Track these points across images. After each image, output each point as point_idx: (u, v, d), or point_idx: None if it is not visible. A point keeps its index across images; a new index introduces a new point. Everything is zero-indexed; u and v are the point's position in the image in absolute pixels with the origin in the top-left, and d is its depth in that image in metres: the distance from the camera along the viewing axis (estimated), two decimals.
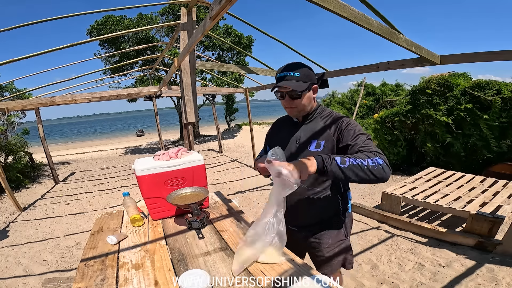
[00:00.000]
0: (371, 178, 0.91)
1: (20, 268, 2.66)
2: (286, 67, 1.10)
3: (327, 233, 1.19)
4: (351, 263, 1.24)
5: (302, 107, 1.12)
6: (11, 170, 5.75)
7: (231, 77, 10.31)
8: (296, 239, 1.23)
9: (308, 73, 1.09)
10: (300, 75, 1.06)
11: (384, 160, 0.92)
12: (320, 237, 1.20)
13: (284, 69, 1.09)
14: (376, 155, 0.93)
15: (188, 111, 2.57)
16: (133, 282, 0.93)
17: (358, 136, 1.03)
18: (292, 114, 1.18)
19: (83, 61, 4.63)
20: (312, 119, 1.17)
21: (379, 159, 0.92)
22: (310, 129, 1.16)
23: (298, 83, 1.06)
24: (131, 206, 1.41)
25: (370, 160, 0.91)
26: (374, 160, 0.91)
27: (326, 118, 1.15)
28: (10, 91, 8.10)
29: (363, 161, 0.89)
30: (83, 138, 32.23)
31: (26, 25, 2.42)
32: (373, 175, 0.89)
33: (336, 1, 1.30)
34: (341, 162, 0.88)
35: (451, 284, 1.98)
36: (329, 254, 1.18)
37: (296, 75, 1.06)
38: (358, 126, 1.07)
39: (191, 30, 2.43)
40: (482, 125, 3.89)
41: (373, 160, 0.91)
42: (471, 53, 1.92)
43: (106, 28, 10.25)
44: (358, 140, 1.02)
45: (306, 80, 1.07)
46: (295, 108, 1.13)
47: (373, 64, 2.67)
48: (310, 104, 1.14)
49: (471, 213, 2.47)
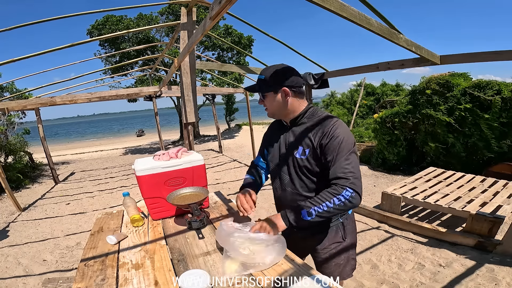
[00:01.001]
0: (340, 213, 1.02)
1: (20, 268, 2.66)
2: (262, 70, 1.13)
3: (323, 235, 1.19)
4: (354, 268, 1.23)
5: (271, 109, 1.13)
6: (11, 170, 5.75)
7: (231, 77, 10.31)
8: (296, 240, 1.23)
9: (277, 76, 1.06)
10: (265, 77, 1.07)
11: (353, 188, 0.94)
12: (317, 239, 1.20)
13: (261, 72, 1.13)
14: (344, 187, 0.94)
15: (188, 111, 2.57)
16: (133, 282, 0.93)
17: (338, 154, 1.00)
18: (268, 115, 1.18)
19: (83, 61, 4.64)
20: (299, 123, 1.13)
21: (347, 191, 0.94)
22: (297, 134, 1.13)
23: (261, 86, 1.09)
24: (131, 206, 1.41)
25: (336, 199, 0.94)
26: (340, 196, 0.94)
27: (315, 123, 1.09)
28: (10, 91, 8.10)
29: (328, 204, 0.95)
30: (83, 138, 32.24)
31: (26, 25, 2.42)
32: (341, 211, 0.96)
33: (336, 1, 1.30)
34: (308, 214, 0.96)
35: (451, 284, 1.98)
36: (326, 255, 1.18)
37: (261, 78, 1.09)
38: (341, 137, 1.01)
39: (191, 30, 2.43)
40: (483, 125, 3.89)
41: (339, 197, 0.94)
42: (471, 53, 1.92)
43: (106, 28, 10.25)
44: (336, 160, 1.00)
45: (270, 83, 1.07)
46: (267, 110, 1.15)
47: (373, 64, 2.68)
48: (281, 107, 1.10)
49: (471, 213, 2.47)
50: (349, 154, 1.00)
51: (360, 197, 0.96)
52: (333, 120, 1.06)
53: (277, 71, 1.07)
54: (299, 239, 1.23)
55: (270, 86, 1.07)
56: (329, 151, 1.01)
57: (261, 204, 3.74)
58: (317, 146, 1.04)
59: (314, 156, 1.06)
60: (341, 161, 0.98)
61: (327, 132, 1.02)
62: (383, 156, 5.13)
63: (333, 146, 1.00)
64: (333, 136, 1.01)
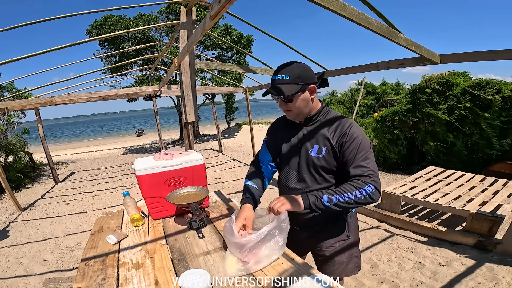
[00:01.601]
0: (358, 207, 1.04)
1: (20, 268, 2.66)
2: (277, 69, 1.06)
3: (328, 233, 1.18)
4: (358, 266, 1.22)
5: (298, 110, 1.07)
6: (11, 170, 5.75)
7: (231, 76, 10.30)
8: (298, 238, 1.23)
9: (300, 74, 1.02)
10: (290, 77, 1.01)
11: (374, 185, 0.96)
12: (321, 237, 1.19)
13: (275, 72, 1.06)
14: (367, 183, 0.96)
15: (188, 110, 2.57)
16: (134, 281, 0.93)
17: (357, 153, 1.01)
18: (290, 117, 1.13)
19: (83, 61, 4.63)
20: (315, 122, 1.12)
21: (369, 186, 0.96)
22: (312, 133, 1.11)
23: (287, 86, 1.01)
24: (131, 206, 1.41)
25: (358, 192, 0.95)
26: (363, 190, 0.95)
27: (330, 123, 1.09)
28: (10, 91, 8.10)
29: (350, 195, 0.95)
30: (83, 138, 32.23)
31: (26, 25, 2.42)
32: (360, 204, 0.98)
33: (336, 1, 1.30)
34: (328, 200, 0.96)
35: (451, 283, 1.98)
36: (330, 253, 1.17)
37: (285, 78, 1.02)
38: (360, 137, 1.03)
39: (190, 30, 2.43)
40: (483, 124, 3.89)
41: (361, 190, 0.95)
42: (471, 52, 1.92)
43: (105, 28, 10.24)
44: (356, 159, 1.01)
45: (297, 82, 1.02)
46: (290, 112, 1.09)
47: (373, 63, 2.67)
48: (307, 106, 1.08)
49: (471, 212, 2.47)
50: (368, 153, 1.02)
51: (380, 195, 0.98)
52: (349, 120, 1.08)
53: (300, 67, 1.03)
54: (302, 236, 1.23)
55: (299, 85, 1.02)
56: (349, 150, 1.02)
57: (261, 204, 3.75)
58: (336, 145, 1.04)
59: (332, 154, 1.06)
60: (361, 160, 1.00)
61: (345, 132, 1.03)
62: (384, 155, 5.13)
63: (352, 145, 1.01)
64: (352, 136, 1.02)
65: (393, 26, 1.70)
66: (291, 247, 1.26)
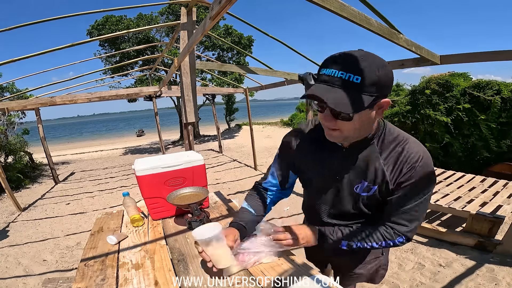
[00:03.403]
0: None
1: (20, 268, 2.66)
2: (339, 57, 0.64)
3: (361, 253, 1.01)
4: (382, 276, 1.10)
5: (351, 132, 0.72)
6: (11, 170, 5.75)
7: (231, 77, 10.31)
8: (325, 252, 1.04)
9: (379, 78, 0.63)
10: (363, 80, 0.61)
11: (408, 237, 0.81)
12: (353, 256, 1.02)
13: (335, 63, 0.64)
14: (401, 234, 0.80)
15: (188, 111, 2.57)
16: (133, 282, 0.93)
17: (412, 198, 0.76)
18: (332, 138, 0.76)
19: (83, 61, 4.64)
20: (366, 147, 0.78)
21: (401, 238, 0.80)
22: (360, 163, 0.79)
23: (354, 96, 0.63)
24: (131, 206, 1.41)
25: (385, 243, 0.81)
26: (391, 242, 0.81)
27: (389, 149, 0.76)
28: (10, 91, 8.10)
29: (375, 244, 0.82)
30: (83, 138, 32.22)
31: (26, 25, 2.42)
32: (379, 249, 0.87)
33: (336, 1, 1.30)
34: (347, 246, 0.84)
35: (451, 284, 1.98)
36: (360, 271, 1.04)
37: (354, 81, 0.62)
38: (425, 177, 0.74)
39: (191, 30, 2.43)
40: (482, 125, 3.89)
41: (389, 242, 0.81)
42: (471, 53, 1.93)
43: (106, 28, 10.25)
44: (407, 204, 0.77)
45: (371, 91, 0.63)
46: (337, 132, 0.73)
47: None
48: (367, 128, 0.74)
49: (471, 213, 2.47)
50: (423, 199, 0.77)
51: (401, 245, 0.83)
52: (416, 148, 0.75)
53: (379, 68, 0.63)
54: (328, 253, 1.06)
55: (371, 97, 0.64)
56: (403, 192, 0.76)
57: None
58: (392, 184, 0.77)
59: (384, 194, 0.79)
60: (411, 207, 0.77)
61: (410, 169, 0.73)
62: None
63: (410, 187, 0.75)
64: (417, 175, 0.73)
65: (393, 27, 1.70)
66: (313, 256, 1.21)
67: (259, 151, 7.58)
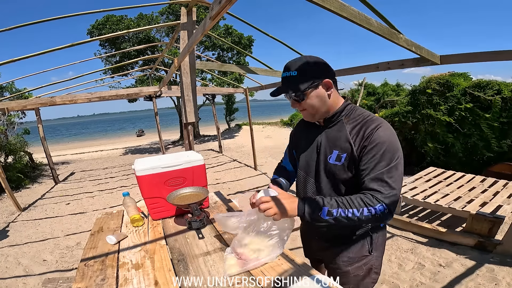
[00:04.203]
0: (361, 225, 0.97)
1: (20, 268, 2.66)
2: (285, 66, 0.95)
3: (346, 247, 1.04)
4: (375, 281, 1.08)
5: (312, 108, 0.94)
6: (11, 170, 5.75)
7: (231, 77, 10.31)
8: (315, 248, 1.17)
9: (309, 68, 0.91)
10: (298, 73, 0.90)
11: (388, 205, 0.83)
12: (338, 250, 1.06)
13: (283, 70, 0.95)
14: (380, 201, 0.83)
15: (188, 111, 2.57)
16: (133, 282, 0.93)
17: (379, 163, 0.85)
18: (306, 118, 1.01)
19: (83, 61, 4.64)
20: (336, 123, 0.97)
21: (381, 205, 0.83)
22: (331, 136, 0.97)
23: (295, 83, 0.91)
24: (131, 206, 1.41)
25: (366, 210, 0.83)
26: (372, 208, 0.83)
27: (354, 124, 0.94)
28: (10, 91, 8.10)
29: (356, 212, 0.84)
30: (83, 138, 32.23)
31: (26, 25, 2.42)
32: (364, 223, 0.88)
33: (336, 1, 1.30)
34: (327, 213, 0.86)
35: (451, 284, 1.98)
36: (346, 267, 1.04)
37: (293, 74, 0.91)
38: (387, 143, 0.86)
39: (191, 30, 2.43)
40: (483, 125, 3.89)
41: (371, 208, 0.83)
42: (471, 53, 1.92)
43: (106, 28, 10.25)
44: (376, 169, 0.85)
45: (306, 78, 0.90)
46: (305, 111, 0.97)
47: (373, 64, 2.68)
48: (324, 104, 0.94)
49: (471, 213, 2.47)
50: (392, 165, 0.85)
51: (392, 216, 0.86)
52: (377, 121, 0.90)
53: (309, 62, 0.92)
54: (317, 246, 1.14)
55: (309, 81, 0.90)
56: (368, 157, 0.87)
57: None
58: (357, 150, 0.89)
59: (352, 162, 0.91)
60: (381, 172, 0.85)
61: (369, 134, 0.87)
62: None
63: (374, 152, 0.86)
64: (376, 140, 0.86)
65: (393, 27, 1.70)
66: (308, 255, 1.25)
67: (259, 151, 7.58)
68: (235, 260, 0.97)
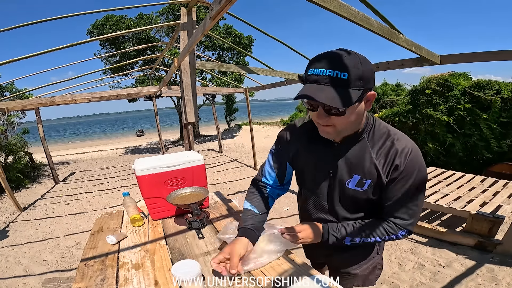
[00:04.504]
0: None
1: (20, 268, 2.66)
2: (325, 57, 0.67)
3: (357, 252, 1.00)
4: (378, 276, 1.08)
5: (345, 126, 0.74)
6: (11, 170, 5.75)
7: (231, 77, 10.31)
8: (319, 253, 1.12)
9: (363, 73, 0.66)
10: (349, 76, 0.64)
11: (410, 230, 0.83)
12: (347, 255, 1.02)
13: (321, 62, 0.67)
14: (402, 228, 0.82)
15: (188, 111, 2.57)
16: (133, 282, 0.93)
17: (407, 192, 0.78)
18: (326, 135, 0.78)
19: (83, 61, 4.64)
20: (358, 142, 0.80)
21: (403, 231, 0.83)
22: (352, 158, 0.81)
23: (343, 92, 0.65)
24: (131, 206, 1.41)
25: (388, 237, 0.83)
26: (393, 235, 0.83)
27: (380, 143, 0.79)
28: (10, 91, 8.11)
29: (378, 239, 0.84)
30: (83, 138, 32.23)
31: (26, 25, 2.42)
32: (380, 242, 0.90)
33: (336, 1, 1.30)
34: (351, 242, 0.85)
35: (451, 284, 1.98)
36: (355, 271, 1.02)
37: (342, 77, 0.64)
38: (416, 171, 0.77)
39: (191, 30, 2.43)
40: (482, 125, 3.89)
41: (392, 236, 0.83)
42: (471, 53, 1.93)
43: (106, 28, 10.26)
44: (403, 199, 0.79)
45: (358, 85, 0.65)
46: (331, 128, 0.74)
47: (373, 64, 2.68)
48: (358, 121, 0.75)
49: (471, 213, 2.47)
50: (420, 192, 0.80)
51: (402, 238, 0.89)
52: (405, 142, 0.78)
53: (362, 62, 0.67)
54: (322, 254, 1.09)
55: (358, 91, 0.66)
56: (397, 188, 0.79)
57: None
58: (385, 179, 0.79)
59: (377, 189, 0.81)
60: (409, 200, 0.80)
61: (400, 163, 0.76)
62: None
63: (403, 182, 0.78)
64: (409, 170, 0.76)
65: (393, 27, 1.70)
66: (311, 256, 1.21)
67: (259, 151, 7.59)
68: None
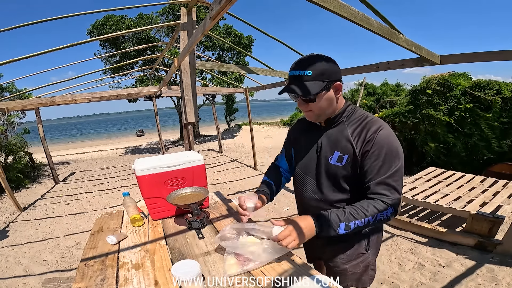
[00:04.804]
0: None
1: (20, 268, 2.66)
2: (297, 63, 0.92)
3: (345, 245, 1.06)
4: (372, 278, 1.11)
5: (320, 111, 0.94)
6: (11, 170, 5.75)
7: (231, 77, 10.31)
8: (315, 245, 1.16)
9: (325, 69, 0.89)
10: (313, 73, 0.87)
11: (395, 208, 0.88)
12: (336, 247, 1.08)
13: (295, 67, 0.91)
14: (389, 205, 0.87)
15: (188, 111, 2.57)
16: (133, 282, 0.93)
17: (383, 166, 0.88)
18: (310, 118, 1.00)
19: (83, 61, 4.64)
20: (337, 124, 0.98)
21: (390, 208, 0.88)
22: (333, 137, 0.98)
23: (310, 84, 0.88)
24: (131, 206, 1.41)
25: (380, 215, 0.87)
26: (384, 213, 0.87)
27: (355, 125, 0.95)
28: (10, 91, 8.11)
29: (371, 219, 0.87)
30: (83, 138, 32.23)
31: (26, 25, 2.42)
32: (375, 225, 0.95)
33: (336, 1, 1.30)
34: (346, 228, 0.86)
35: (451, 284, 1.98)
36: (344, 266, 1.06)
37: (307, 74, 0.88)
38: (388, 146, 0.89)
39: (191, 30, 2.43)
40: (483, 125, 3.90)
41: (383, 213, 0.87)
42: (471, 53, 1.92)
43: (106, 28, 10.25)
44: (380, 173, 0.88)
45: (321, 79, 0.88)
46: (311, 112, 0.96)
47: (373, 64, 2.68)
48: (331, 106, 0.95)
49: (471, 213, 2.47)
50: (395, 168, 0.88)
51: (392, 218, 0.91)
52: (377, 123, 0.92)
53: (324, 61, 0.90)
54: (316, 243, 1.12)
55: (323, 83, 0.88)
56: (371, 161, 0.89)
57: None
58: (359, 153, 0.91)
59: (354, 164, 0.93)
60: (386, 176, 0.88)
61: (371, 138, 0.89)
62: None
63: (377, 156, 0.88)
64: (378, 143, 0.88)
65: (393, 27, 1.70)
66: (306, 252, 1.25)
67: (259, 151, 7.58)
68: (235, 260, 0.97)
